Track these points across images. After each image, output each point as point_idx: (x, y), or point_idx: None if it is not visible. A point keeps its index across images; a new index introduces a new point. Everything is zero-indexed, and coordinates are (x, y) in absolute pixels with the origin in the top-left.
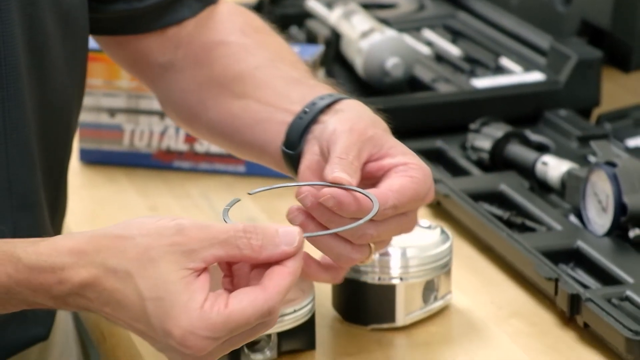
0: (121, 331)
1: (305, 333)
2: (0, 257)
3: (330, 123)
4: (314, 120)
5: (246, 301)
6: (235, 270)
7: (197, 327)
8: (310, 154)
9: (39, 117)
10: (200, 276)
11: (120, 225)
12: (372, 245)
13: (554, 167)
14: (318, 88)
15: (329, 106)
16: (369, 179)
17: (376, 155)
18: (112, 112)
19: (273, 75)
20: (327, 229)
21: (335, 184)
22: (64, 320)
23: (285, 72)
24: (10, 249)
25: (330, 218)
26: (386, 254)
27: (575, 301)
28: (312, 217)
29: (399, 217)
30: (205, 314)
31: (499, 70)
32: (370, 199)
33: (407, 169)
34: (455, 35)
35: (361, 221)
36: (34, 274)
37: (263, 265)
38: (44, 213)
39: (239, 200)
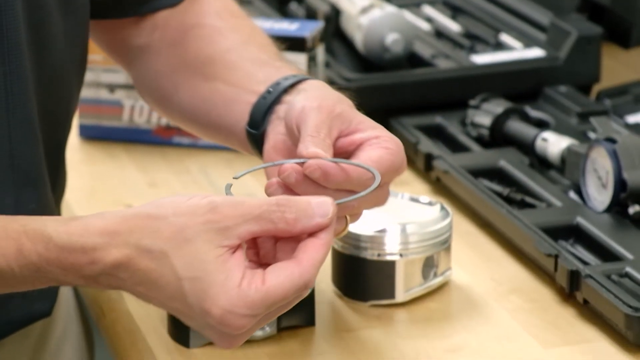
0: (120, 306)
1: (304, 309)
2: (30, 235)
3: (297, 102)
4: (277, 100)
5: (283, 276)
6: (260, 243)
7: (235, 305)
8: (274, 134)
9: (40, 92)
10: (235, 253)
11: (152, 205)
12: (347, 217)
13: (553, 144)
14: (284, 69)
15: (292, 86)
16: (341, 155)
17: (346, 131)
18: (112, 87)
19: (242, 57)
20: None
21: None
22: (66, 296)
23: (254, 54)
24: (41, 227)
25: (315, 192)
26: (386, 230)
27: (574, 277)
28: (292, 190)
29: (375, 189)
30: (243, 292)
31: (499, 46)
32: (369, 171)
33: (380, 142)
34: (455, 11)
35: (369, 189)
36: (64, 253)
37: (290, 237)
38: (46, 189)
39: (232, 185)
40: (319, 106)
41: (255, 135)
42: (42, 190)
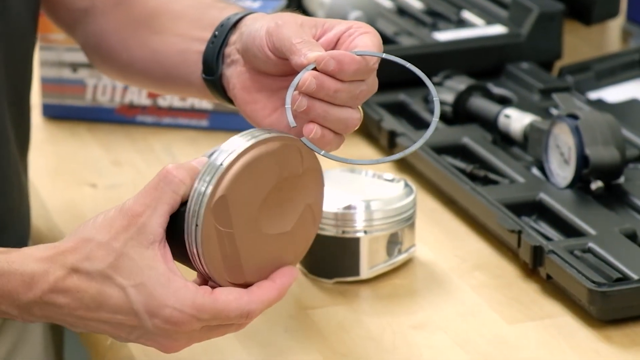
0: None
1: None
2: None
3: (256, 29)
4: (225, 42)
5: (232, 296)
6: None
7: (184, 304)
8: (237, 76)
9: (1, 46)
10: (162, 243)
11: (78, 229)
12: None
13: (516, 120)
14: (227, 9)
15: (235, 25)
16: None
17: (318, 34)
18: (75, 66)
19: (187, 5)
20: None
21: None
22: None
23: (199, 0)
24: None
25: (334, 91)
26: (350, 207)
27: (538, 253)
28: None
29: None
30: (191, 292)
31: (461, 23)
32: (374, 55)
33: (356, 30)
34: None
35: (432, 125)
36: (2, 280)
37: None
38: (11, 145)
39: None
40: (283, 22)
41: (213, 81)
42: (6, 147)
